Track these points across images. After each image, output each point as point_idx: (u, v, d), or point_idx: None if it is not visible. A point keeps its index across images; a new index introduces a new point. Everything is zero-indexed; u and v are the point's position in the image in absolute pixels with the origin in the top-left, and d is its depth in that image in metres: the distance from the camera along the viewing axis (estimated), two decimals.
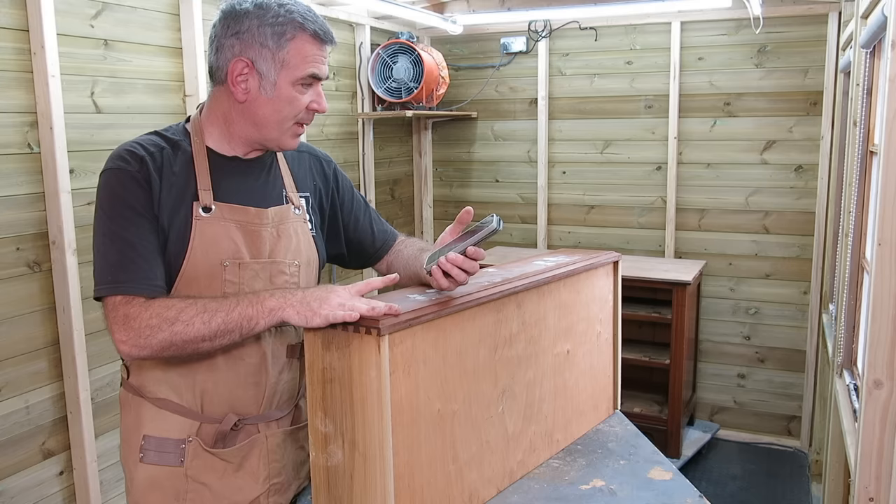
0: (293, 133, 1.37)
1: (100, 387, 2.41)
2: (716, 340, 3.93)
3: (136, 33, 2.50)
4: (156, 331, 1.20)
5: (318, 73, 1.33)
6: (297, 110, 1.34)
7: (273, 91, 1.31)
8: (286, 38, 1.29)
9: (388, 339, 1.10)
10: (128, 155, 1.29)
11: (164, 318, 1.20)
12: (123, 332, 1.21)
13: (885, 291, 1.60)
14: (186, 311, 1.21)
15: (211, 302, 1.22)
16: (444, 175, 4.44)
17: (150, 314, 1.21)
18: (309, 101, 1.34)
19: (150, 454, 1.35)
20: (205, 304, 1.22)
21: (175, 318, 1.20)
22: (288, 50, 1.29)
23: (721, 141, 3.77)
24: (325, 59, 1.35)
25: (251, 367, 1.37)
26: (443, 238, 1.34)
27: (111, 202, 1.28)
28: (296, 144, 1.40)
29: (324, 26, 1.33)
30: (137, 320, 1.21)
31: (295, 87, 1.32)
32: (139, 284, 1.24)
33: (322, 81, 1.37)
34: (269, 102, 1.31)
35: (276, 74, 1.30)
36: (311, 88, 1.34)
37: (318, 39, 1.32)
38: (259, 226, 1.36)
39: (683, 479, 1.46)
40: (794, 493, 3.40)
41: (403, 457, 1.16)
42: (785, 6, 3.53)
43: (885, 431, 1.64)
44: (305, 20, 1.30)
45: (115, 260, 1.25)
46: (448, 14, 3.90)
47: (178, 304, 1.22)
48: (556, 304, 1.52)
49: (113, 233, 1.26)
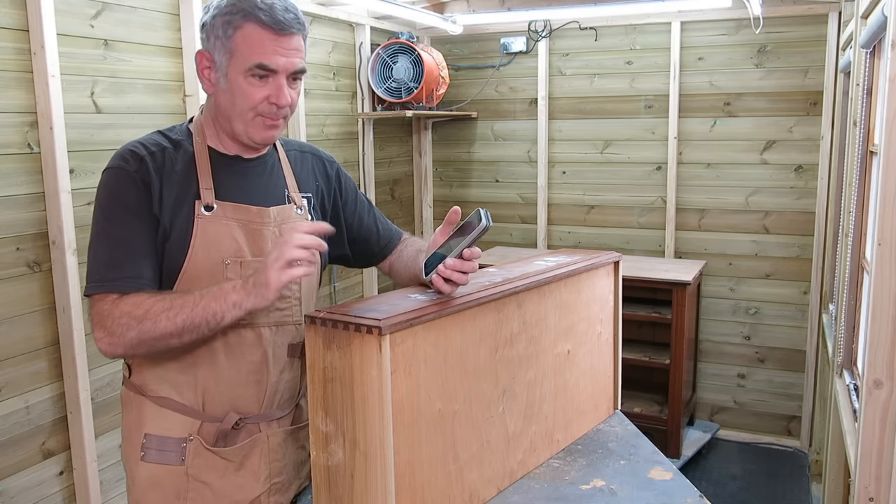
0: (260, 125, 1.32)
1: (100, 387, 2.41)
2: (716, 340, 3.93)
3: (136, 33, 2.50)
4: (126, 329, 1.22)
5: (267, 63, 1.26)
6: (252, 102, 1.29)
7: (226, 82, 1.30)
8: (233, 26, 1.27)
9: (389, 338, 1.10)
10: (129, 155, 1.30)
11: (132, 317, 1.22)
12: (99, 329, 1.24)
13: (885, 291, 1.60)
14: (153, 309, 1.22)
15: (177, 298, 1.23)
16: (444, 175, 4.44)
17: (119, 312, 1.22)
18: (267, 94, 1.29)
19: (151, 453, 1.35)
20: (171, 301, 1.22)
21: (143, 316, 1.21)
22: (234, 39, 1.27)
23: (721, 141, 3.78)
24: (287, 50, 1.28)
25: (252, 365, 1.37)
26: (435, 240, 1.34)
27: (107, 201, 1.29)
28: (268, 138, 1.35)
29: (278, 14, 1.26)
30: (110, 318, 1.23)
31: (246, 78, 1.27)
32: (121, 282, 1.25)
33: (290, 75, 1.30)
34: (225, 94, 1.31)
35: (226, 65, 1.29)
36: (270, 80, 1.28)
37: (268, 28, 1.26)
38: (261, 225, 1.36)
39: (683, 479, 1.46)
40: (794, 493, 3.40)
41: (404, 456, 1.16)
42: (785, 6, 3.53)
43: (885, 431, 1.64)
44: (255, 8, 1.25)
45: (105, 259, 1.26)
46: (448, 14, 3.90)
47: (147, 302, 1.23)
48: (557, 304, 1.52)
49: (105, 232, 1.28)
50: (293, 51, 1.29)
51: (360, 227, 1.59)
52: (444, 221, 1.31)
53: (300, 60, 1.31)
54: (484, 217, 1.20)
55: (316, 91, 3.48)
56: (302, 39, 1.32)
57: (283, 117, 1.35)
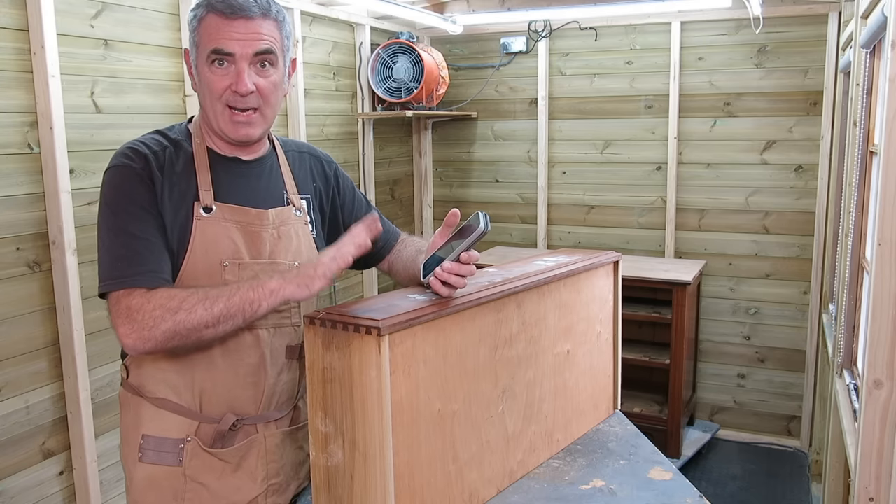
0: (229, 118, 1.31)
1: (100, 387, 2.41)
2: (716, 340, 3.93)
3: (136, 33, 2.50)
4: (159, 321, 1.19)
5: (221, 47, 1.26)
6: (216, 91, 1.29)
7: (198, 76, 1.32)
8: (197, 19, 1.30)
9: (388, 339, 1.10)
10: (131, 153, 1.30)
11: (166, 309, 1.20)
12: (127, 324, 1.20)
13: (885, 291, 1.60)
14: (189, 300, 1.21)
15: (212, 290, 1.23)
16: (444, 175, 4.44)
17: (153, 305, 1.20)
18: (228, 83, 1.29)
19: (148, 454, 1.35)
20: (206, 292, 1.22)
21: (178, 308, 1.20)
22: (199, 31, 1.30)
23: (721, 141, 3.77)
24: (242, 34, 1.26)
25: (250, 367, 1.37)
26: (434, 242, 1.33)
27: (115, 198, 1.28)
28: (242, 134, 1.33)
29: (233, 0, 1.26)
30: (140, 312, 1.20)
31: (209, 66, 1.29)
32: (143, 277, 1.24)
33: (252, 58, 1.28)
34: (199, 88, 1.33)
35: (196, 58, 1.32)
36: (231, 68, 1.28)
37: (221, 14, 1.27)
38: (259, 226, 1.36)
39: (683, 479, 1.46)
40: (794, 493, 3.40)
41: (404, 457, 1.16)
42: (785, 6, 3.53)
43: (885, 431, 1.64)
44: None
45: (120, 255, 1.25)
46: (448, 14, 3.90)
47: (180, 294, 1.22)
48: (557, 304, 1.52)
49: (118, 228, 1.26)
50: (251, 34, 1.28)
51: None
52: (443, 224, 1.31)
53: (261, 42, 1.28)
54: (483, 221, 1.20)
55: (316, 91, 3.48)
56: (267, 23, 1.30)
57: (257, 110, 1.32)
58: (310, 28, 3.42)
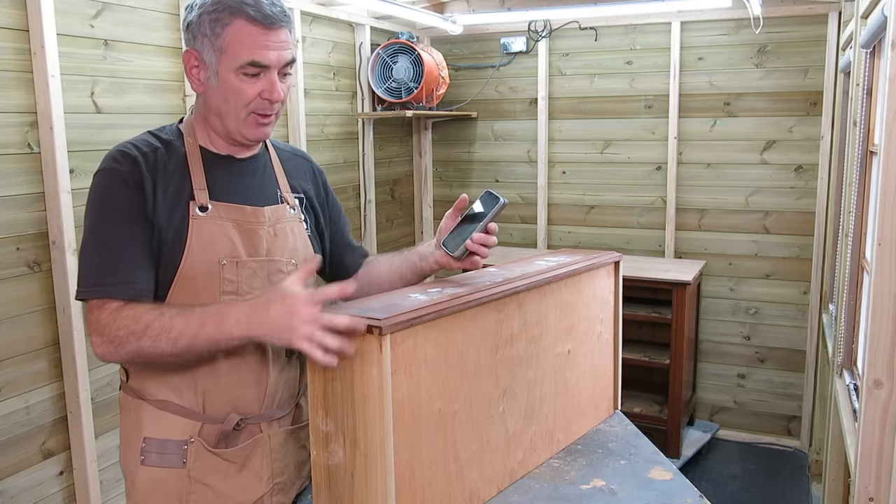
0: (253, 123, 1.32)
1: (100, 387, 2.41)
2: (716, 340, 3.93)
3: (136, 33, 2.50)
4: (124, 342, 1.21)
5: (259, 59, 1.25)
6: (246, 100, 1.28)
7: (217, 81, 1.28)
8: (221, 24, 1.25)
9: (389, 338, 1.10)
10: (120, 156, 1.29)
11: (130, 331, 1.20)
12: (96, 336, 1.23)
13: (885, 291, 1.60)
14: (153, 326, 1.20)
15: (178, 318, 1.20)
16: (444, 175, 4.44)
17: (118, 325, 1.21)
18: (259, 90, 1.28)
19: (151, 456, 1.34)
20: (171, 321, 1.19)
21: (142, 333, 1.20)
22: (224, 37, 1.25)
23: (721, 141, 3.78)
24: (277, 44, 1.26)
25: (252, 365, 1.36)
26: (446, 224, 1.45)
27: (99, 204, 1.28)
28: (261, 135, 1.35)
29: (266, 8, 1.24)
30: (108, 328, 1.22)
31: (238, 75, 1.26)
32: (117, 287, 1.24)
33: (281, 68, 1.29)
34: (217, 92, 1.30)
35: (217, 63, 1.27)
36: (262, 76, 1.27)
37: (258, 23, 1.24)
38: (256, 224, 1.36)
39: (683, 479, 1.46)
40: (794, 493, 3.40)
41: (404, 456, 1.16)
42: (785, 6, 3.53)
43: (885, 431, 1.64)
44: (243, 4, 1.24)
45: (97, 263, 1.26)
46: (448, 14, 3.90)
47: (146, 317, 1.20)
48: (558, 303, 1.52)
49: (97, 235, 1.27)
50: (283, 43, 1.28)
51: (339, 242, 1.59)
52: (453, 207, 1.44)
53: (290, 52, 1.30)
54: (499, 196, 1.37)
55: (316, 91, 3.48)
56: (288, 30, 1.30)
57: (275, 113, 1.34)
58: (310, 28, 3.42)
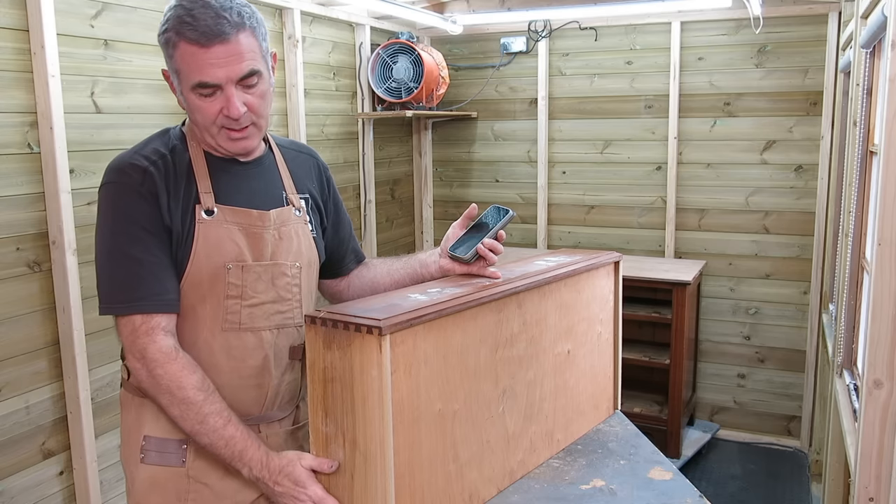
0: (227, 137, 1.30)
1: (100, 387, 2.41)
2: (716, 340, 3.93)
3: (136, 33, 2.50)
4: (156, 391, 1.26)
5: (205, 80, 1.22)
6: (209, 118, 1.26)
7: (185, 100, 1.28)
8: (171, 46, 1.23)
9: (389, 338, 1.10)
10: (129, 168, 1.28)
11: (167, 390, 1.25)
12: (135, 361, 1.27)
13: (885, 291, 1.60)
14: (189, 412, 1.25)
15: (211, 418, 1.26)
16: (444, 175, 4.44)
17: (163, 371, 1.24)
18: (220, 108, 1.25)
19: (151, 454, 1.35)
20: (202, 422, 1.25)
21: (174, 402, 1.25)
22: (175, 59, 1.24)
23: (721, 141, 3.78)
24: (222, 60, 1.21)
25: (254, 369, 1.36)
26: (454, 233, 1.49)
27: (114, 218, 1.27)
28: (241, 148, 1.33)
29: (203, 26, 1.19)
30: (150, 364, 1.25)
31: (196, 94, 1.24)
32: (146, 302, 1.25)
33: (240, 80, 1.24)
34: (188, 109, 1.30)
35: (178, 83, 1.27)
36: (218, 94, 1.24)
37: (195, 43, 1.20)
38: (261, 228, 1.36)
39: (683, 479, 1.46)
40: (794, 493, 3.40)
41: (404, 456, 1.16)
42: (785, 6, 3.53)
43: (885, 431, 1.64)
44: (182, 24, 1.20)
45: (122, 277, 1.26)
46: (448, 14, 3.90)
47: (189, 393, 1.25)
48: (557, 304, 1.52)
49: (118, 250, 1.26)
50: (232, 57, 1.22)
51: (338, 238, 1.58)
52: (463, 216, 1.49)
53: (244, 64, 1.23)
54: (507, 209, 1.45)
55: (316, 91, 3.48)
56: (244, 36, 1.23)
57: (252, 124, 1.31)
58: (310, 28, 3.42)
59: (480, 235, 1.44)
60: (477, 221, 1.49)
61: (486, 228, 1.45)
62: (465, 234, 1.48)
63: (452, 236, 1.49)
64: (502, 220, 1.45)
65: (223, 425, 1.25)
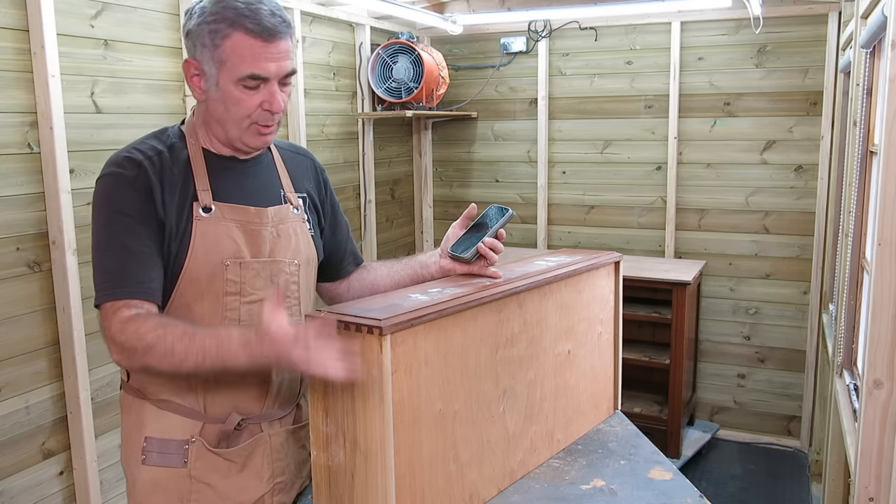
0: (255, 132, 1.32)
1: (100, 387, 2.41)
2: (716, 340, 3.93)
3: (136, 33, 2.50)
4: (132, 355, 1.22)
5: (259, 72, 1.25)
6: (247, 111, 1.28)
7: (218, 91, 1.28)
8: (220, 35, 1.24)
9: (389, 338, 1.10)
10: (125, 161, 1.29)
11: (135, 347, 1.21)
12: (110, 343, 1.24)
13: (885, 291, 1.60)
14: (156, 348, 1.19)
15: (179, 342, 1.18)
16: (444, 175, 4.44)
17: (125, 337, 1.21)
18: (260, 101, 1.28)
19: (152, 455, 1.35)
20: (173, 345, 1.18)
21: (145, 352, 1.20)
22: (223, 49, 1.24)
23: (721, 141, 3.78)
24: (276, 56, 1.26)
25: None
26: (454, 233, 1.50)
27: (107, 209, 1.28)
28: (262, 143, 1.36)
29: (265, 20, 1.23)
30: (118, 337, 1.22)
31: (238, 87, 1.26)
32: (128, 289, 1.25)
33: (281, 78, 1.29)
34: (218, 102, 1.29)
35: (217, 74, 1.27)
36: (262, 87, 1.27)
37: (257, 36, 1.23)
38: (259, 225, 1.36)
39: (683, 479, 1.46)
40: (794, 493, 3.40)
41: (404, 456, 1.16)
42: (785, 6, 3.53)
43: (885, 431, 1.64)
44: (240, 16, 1.23)
45: (107, 267, 1.26)
46: (448, 14, 3.90)
47: (149, 337, 1.19)
48: (558, 304, 1.52)
49: (109, 240, 1.27)
50: (282, 54, 1.27)
51: (335, 240, 1.58)
52: (463, 216, 1.50)
53: (289, 62, 1.30)
54: (506, 208, 1.46)
55: (316, 91, 3.48)
56: (289, 40, 1.29)
57: (277, 122, 1.35)
58: (310, 28, 3.42)
59: (480, 235, 1.45)
60: (477, 221, 1.49)
61: (486, 228, 1.46)
62: (466, 234, 1.48)
63: (452, 236, 1.50)
64: (502, 219, 1.45)
65: (189, 343, 1.19)
